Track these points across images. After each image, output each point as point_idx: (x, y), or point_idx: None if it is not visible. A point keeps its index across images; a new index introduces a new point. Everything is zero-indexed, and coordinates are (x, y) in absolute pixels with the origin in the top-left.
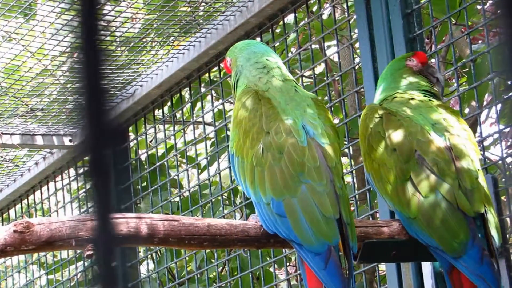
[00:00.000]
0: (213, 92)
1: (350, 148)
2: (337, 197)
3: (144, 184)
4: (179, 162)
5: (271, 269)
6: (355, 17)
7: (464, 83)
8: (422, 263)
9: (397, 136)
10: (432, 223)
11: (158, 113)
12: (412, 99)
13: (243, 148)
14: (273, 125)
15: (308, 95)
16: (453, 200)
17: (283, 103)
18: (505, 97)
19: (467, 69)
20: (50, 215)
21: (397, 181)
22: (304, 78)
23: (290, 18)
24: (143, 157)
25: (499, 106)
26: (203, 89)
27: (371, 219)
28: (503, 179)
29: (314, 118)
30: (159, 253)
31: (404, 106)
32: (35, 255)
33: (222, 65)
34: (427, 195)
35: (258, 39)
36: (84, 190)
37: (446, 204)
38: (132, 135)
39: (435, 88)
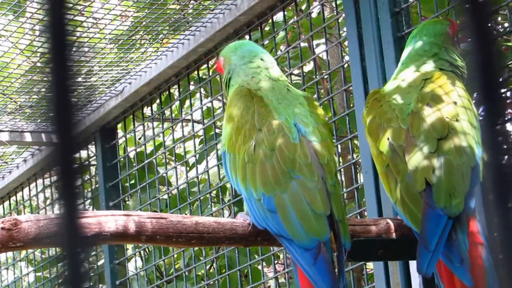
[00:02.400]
0: (202, 89)
1: (339, 146)
2: (328, 194)
3: (133, 181)
4: (167, 160)
5: (259, 267)
6: (344, 15)
7: None
8: (409, 262)
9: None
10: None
11: (147, 110)
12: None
13: (235, 144)
14: (265, 122)
15: (301, 93)
16: None
17: (275, 102)
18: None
19: None
20: (38, 212)
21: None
22: (293, 76)
23: (279, 16)
24: (131, 155)
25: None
26: (192, 87)
27: (359, 217)
28: None
29: (306, 116)
30: (147, 251)
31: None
32: (23, 252)
33: (211, 63)
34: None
35: (247, 37)
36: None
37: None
38: (120, 133)
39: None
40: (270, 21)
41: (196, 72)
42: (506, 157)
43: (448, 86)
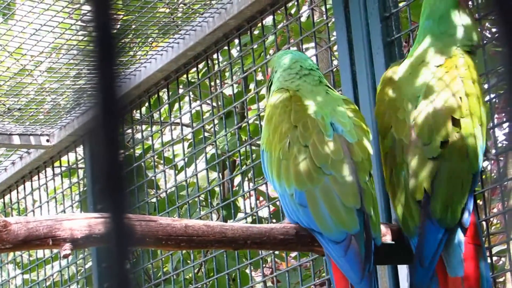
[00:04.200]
0: (191, 93)
1: None
2: (361, 189)
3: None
4: (156, 163)
5: (247, 271)
6: (333, 20)
7: None
8: (398, 266)
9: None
10: None
11: (135, 113)
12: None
13: (272, 143)
14: (301, 119)
15: (340, 97)
16: None
17: (314, 102)
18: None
19: None
20: (26, 215)
21: None
22: None
23: (268, 20)
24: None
25: None
26: (181, 90)
27: None
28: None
29: (344, 117)
30: (135, 254)
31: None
32: (11, 255)
33: (200, 66)
34: None
35: (237, 41)
36: (61, 190)
37: None
38: None
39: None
40: (259, 25)
41: (185, 76)
42: None
43: (458, 76)
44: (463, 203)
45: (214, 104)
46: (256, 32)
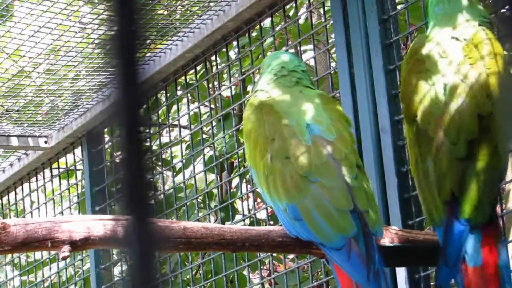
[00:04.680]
0: (189, 95)
1: None
2: (349, 188)
3: (119, 186)
4: (154, 165)
5: (245, 273)
6: (331, 22)
7: None
8: (396, 269)
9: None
10: None
11: None
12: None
13: (255, 160)
14: (276, 130)
15: (315, 92)
16: None
17: (286, 107)
18: None
19: None
20: (24, 216)
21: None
22: None
23: (267, 22)
24: (118, 159)
25: None
26: (179, 92)
27: None
28: None
29: (320, 114)
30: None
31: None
32: (9, 256)
33: (198, 68)
34: None
35: (235, 43)
36: (59, 191)
37: None
38: (107, 137)
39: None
40: (258, 27)
41: (183, 78)
42: None
43: (484, 60)
44: (493, 199)
45: (212, 106)
46: (254, 34)
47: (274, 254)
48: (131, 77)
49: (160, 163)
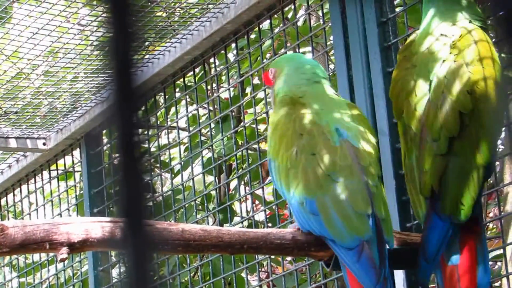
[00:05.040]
0: (187, 97)
1: None
2: (370, 193)
3: (118, 188)
4: (152, 167)
5: (243, 275)
6: (330, 24)
7: None
8: (394, 271)
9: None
10: None
11: None
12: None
13: (279, 152)
14: (306, 127)
15: (344, 101)
16: None
17: (318, 108)
18: None
19: None
20: (22, 218)
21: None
22: None
23: (265, 25)
24: (116, 161)
25: None
26: (177, 94)
27: None
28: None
29: (349, 121)
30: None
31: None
32: (7, 258)
33: (197, 70)
34: None
35: (234, 45)
36: (58, 193)
37: None
38: (106, 139)
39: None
40: (256, 29)
41: (182, 80)
42: None
43: (468, 57)
44: (475, 197)
45: (211, 108)
46: (253, 36)
47: (272, 256)
48: (126, 80)
49: (158, 165)
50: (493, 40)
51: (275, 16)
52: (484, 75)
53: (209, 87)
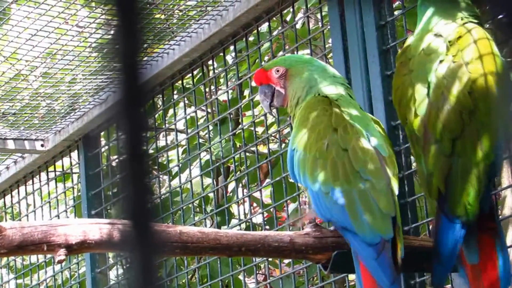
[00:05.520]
0: (185, 99)
1: None
2: (394, 198)
3: (115, 190)
4: (150, 168)
5: (241, 277)
6: (329, 27)
7: None
8: None
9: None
10: None
11: None
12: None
13: (307, 142)
14: (341, 123)
15: (368, 115)
16: None
17: (351, 112)
18: None
19: None
20: (20, 219)
21: None
22: None
23: (264, 27)
24: (114, 163)
25: None
26: (175, 96)
27: None
28: None
29: (375, 131)
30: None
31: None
32: (4, 259)
33: (195, 72)
34: None
35: (232, 47)
36: (55, 194)
37: None
38: (103, 141)
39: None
40: (255, 31)
41: (180, 82)
42: None
43: (467, 56)
44: (481, 196)
45: (209, 110)
46: (251, 38)
47: (270, 259)
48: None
49: (156, 167)
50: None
51: (274, 18)
52: (484, 74)
53: (207, 90)
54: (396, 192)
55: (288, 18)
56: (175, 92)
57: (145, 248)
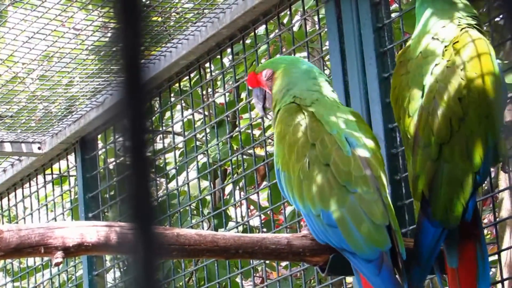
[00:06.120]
0: (182, 102)
1: None
2: (385, 204)
3: (112, 192)
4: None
5: (238, 280)
6: (326, 30)
7: None
8: None
9: None
10: None
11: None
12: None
13: (289, 162)
14: (318, 136)
15: (348, 109)
16: None
17: (326, 116)
18: None
19: None
20: (17, 222)
21: None
22: None
23: (261, 30)
24: (111, 166)
25: None
26: (173, 99)
27: None
28: None
29: (356, 130)
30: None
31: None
32: (1, 262)
33: (192, 75)
34: None
35: (229, 50)
36: (52, 197)
37: None
38: (101, 144)
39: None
40: (252, 34)
41: (177, 84)
42: None
43: (461, 62)
44: (465, 203)
45: (206, 113)
46: (248, 41)
47: (267, 262)
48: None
49: (153, 170)
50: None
51: (271, 21)
52: (477, 80)
53: (204, 92)
54: (388, 190)
55: (285, 21)
56: (172, 94)
57: (147, 250)
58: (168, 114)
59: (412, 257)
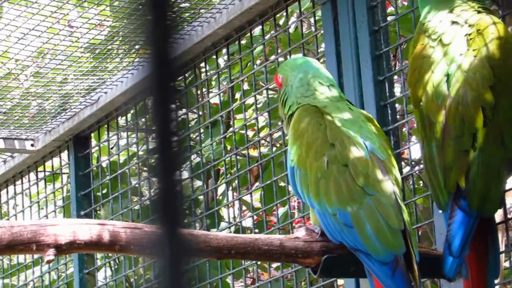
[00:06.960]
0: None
1: None
2: (400, 208)
3: (105, 191)
4: (140, 170)
5: (229, 280)
6: (322, 32)
7: None
8: None
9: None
10: None
11: (121, 120)
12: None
13: (306, 160)
14: (337, 137)
15: (360, 111)
16: None
17: (343, 119)
18: None
19: None
20: (8, 219)
21: None
22: (269, 91)
23: (257, 31)
24: (104, 164)
25: None
26: None
27: None
28: None
29: (370, 132)
30: (117, 261)
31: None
32: None
33: (187, 74)
34: None
35: (225, 50)
36: (44, 194)
37: None
38: (94, 142)
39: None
40: (248, 35)
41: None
42: None
43: (488, 48)
44: (501, 191)
45: (200, 112)
46: (244, 42)
47: (259, 262)
48: (163, 53)
49: (146, 169)
50: None
51: (267, 22)
52: (506, 68)
53: (199, 92)
54: (399, 196)
55: (281, 22)
56: None
57: (173, 253)
58: None
59: (445, 248)
